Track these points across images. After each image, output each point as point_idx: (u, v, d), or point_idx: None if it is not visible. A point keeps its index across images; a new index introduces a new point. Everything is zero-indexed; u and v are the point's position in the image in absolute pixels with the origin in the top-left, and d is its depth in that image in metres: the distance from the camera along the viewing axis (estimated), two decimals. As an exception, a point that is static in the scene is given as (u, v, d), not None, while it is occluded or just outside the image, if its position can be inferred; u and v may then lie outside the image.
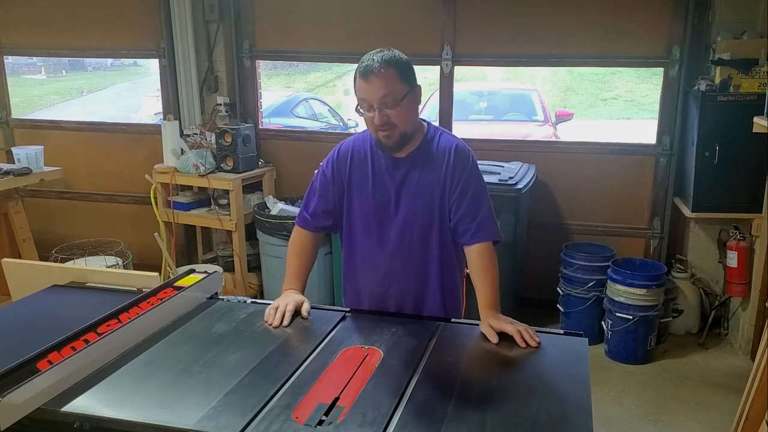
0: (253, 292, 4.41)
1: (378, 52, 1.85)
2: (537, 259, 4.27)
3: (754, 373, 2.51)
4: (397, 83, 1.82)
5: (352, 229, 2.05)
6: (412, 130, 1.92)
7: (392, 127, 1.85)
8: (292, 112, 7.56)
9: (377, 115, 1.82)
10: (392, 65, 1.82)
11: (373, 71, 1.80)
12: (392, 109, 1.82)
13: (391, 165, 1.96)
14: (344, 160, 2.01)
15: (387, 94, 1.81)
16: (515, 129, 7.08)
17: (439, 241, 1.99)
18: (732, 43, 3.63)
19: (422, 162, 1.95)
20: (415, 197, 1.95)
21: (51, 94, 14.08)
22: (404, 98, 1.84)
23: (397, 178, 1.96)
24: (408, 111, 1.87)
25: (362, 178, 1.99)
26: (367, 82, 1.81)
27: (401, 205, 1.96)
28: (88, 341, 1.57)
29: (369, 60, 1.83)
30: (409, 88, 1.86)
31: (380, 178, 1.97)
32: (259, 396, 1.43)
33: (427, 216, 1.96)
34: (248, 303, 2.03)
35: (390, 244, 1.99)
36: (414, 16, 4.28)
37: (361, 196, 2.00)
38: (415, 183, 1.95)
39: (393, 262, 2.01)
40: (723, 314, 4.07)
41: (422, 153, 1.96)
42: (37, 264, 2.83)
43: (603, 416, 3.17)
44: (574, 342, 1.77)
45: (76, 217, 5.13)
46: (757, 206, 3.62)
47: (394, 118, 1.83)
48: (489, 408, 1.42)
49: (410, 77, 1.87)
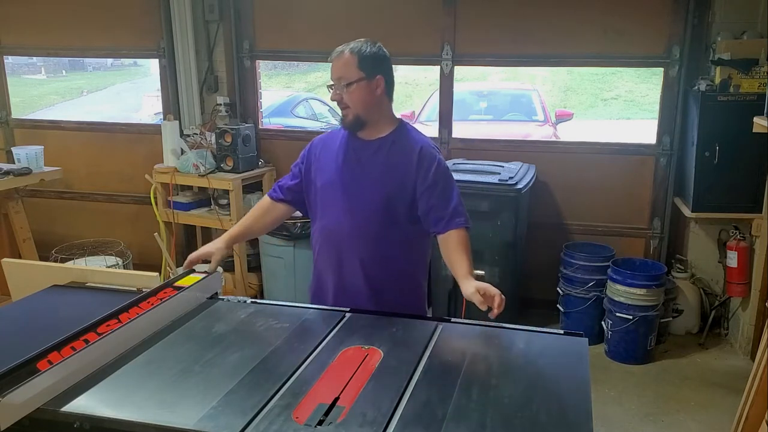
0: (253, 292, 4.41)
1: (354, 41, 2.06)
2: (537, 259, 4.27)
3: (754, 373, 2.51)
4: (352, 69, 2.02)
5: (315, 208, 2.19)
6: (371, 116, 2.08)
7: (345, 106, 2.06)
8: (292, 112, 7.56)
9: (333, 92, 2.06)
10: (355, 53, 2.02)
11: (337, 53, 2.04)
12: (345, 90, 2.03)
13: (359, 147, 2.12)
14: (318, 145, 2.23)
15: (340, 77, 2.03)
16: (515, 129, 7.08)
17: (391, 224, 2.09)
18: (732, 43, 3.63)
19: (388, 149, 2.10)
20: (373, 179, 2.08)
21: (51, 94, 14.08)
22: (353, 83, 2.02)
23: (363, 159, 2.11)
24: (358, 96, 2.04)
25: (329, 158, 2.16)
26: (332, 62, 2.05)
27: (360, 184, 2.09)
28: (88, 341, 1.57)
29: (342, 46, 2.05)
30: (364, 75, 2.03)
31: (345, 158, 2.13)
32: (259, 396, 1.43)
33: (382, 198, 2.08)
34: (248, 303, 2.03)
35: (342, 219, 2.11)
36: (414, 16, 4.28)
37: (324, 174, 2.15)
38: (379, 166, 2.09)
39: (344, 237, 2.12)
40: (723, 314, 4.07)
41: (390, 141, 2.11)
42: (37, 264, 2.83)
43: (603, 416, 3.17)
44: (574, 342, 1.77)
45: (76, 217, 5.13)
46: (757, 206, 3.62)
47: (347, 99, 2.04)
48: (489, 408, 1.42)
49: (369, 67, 2.03)
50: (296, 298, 3.94)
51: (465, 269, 2.00)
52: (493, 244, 3.69)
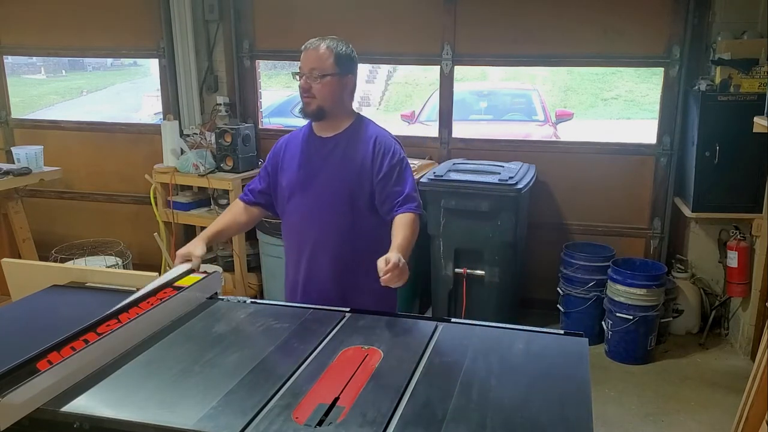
0: (253, 292, 4.40)
1: (330, 37, 2.15)
2: (537, 259, 4.27)
3: (754, 373, 2.51)
4: (327, 63, 2.11)
5: (282, 207, 2.27)
6: (332, 109, 2.16)
7: (310, 95, 2.12)
8: (292, 112, 7.55)
9: (303, 80, 2.12)
10: (333, 49, 2.12)
11: (313, 45, 2.12)
12: (316, 81, 2.10)
13: (318, 145, 2.21)
14: (282, 145, 2.31)
15: (315, 68, 2.10)
16: (515, 129, 7.08)
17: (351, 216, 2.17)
18: (732, 43, 3.63)
19: (346, 143, 2.18)
20: (332, 172, 2.17)
21: (51, 94, 14.08)
22: (327, 76, 2.11)
23: (322, 156, 2.19)
24: (328, 89, 2.12)
25: (291, 156, 2.25)
26: (305, 52, 2.12)
27: (320, 178, 2.17)
28: (88, 341, 1.57)
29: (317, 39, 2.13)
30: (338, 71, 2.12)
31: (307, 156, 2.22)
32: (259, 396, 1.43)
33: (342, 191, 2.16)
34: (248, 303, 2.03)
35: (305, 213, 2.20)
36: (414, 15, 4.28)
37: (288, 172, 2.24)
38: (338, 161, 2.17)
39: (307, 231, 2.21)
40: (723, 314, 4.07)
41: (347, 135, 2.19)
42: (37, 264, 2.83)
43: (603, 416, 3.17)
44: (574, 342, 1.77)
45: (76, 217, 5.13)
46: (757, 206, 3.62)
47: (315, 89, 2.11)
48: (489, 408, 1.42)
49: (344, 65, 2.14)
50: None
51: (397, 242, 2.04)
52: (493, 244, 3.69)
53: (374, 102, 14.01)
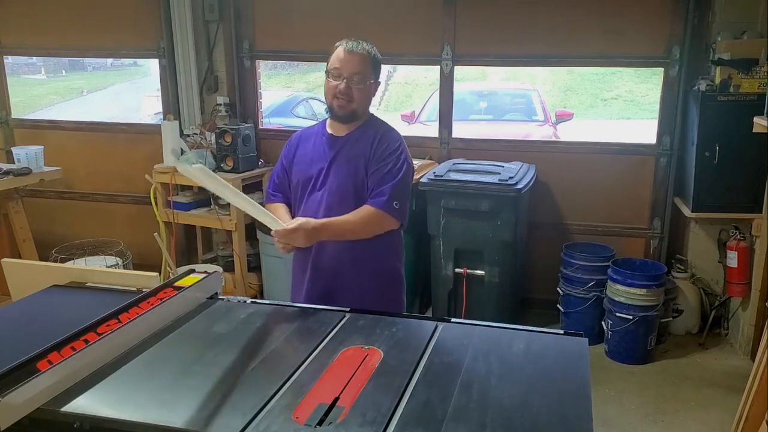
0: (253, 292, 4.41)
1: (362, 41, 2.18)
2: (537, 259, 4.27)
3: (754, 373, 2.51)
4: (368, 69, 2.17)
5: (295, 203, 2.32)
6: (363, 112, 2.24)
7: (350, 99, 2.15)
8: (292, 112, 7.57)
9: (344, 84, 2.13)
10: (371, 55, 2.18)
11: (357, 50, 2.14)
12: (358, 85, 2.14)
13: (330, 142, 2.25)
14: (294, 143, 2.35)
15: (359, 72, 2.14)
16: (515, 129, 7.08)
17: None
18: (732, 43, 3.63)
19: (355, 140, 2.23)
20: (342, 169, 2.20)
21: (51, 94, 14.08)
22: (367, 82, 2.18)
23: (333, 152, 2.23)
24: (367, 94, 2.20)
25: (303, 154, 2.29)
26: (349, 54, 2.13)
27: (330, 175, 2.21)
28: (88, 341, 1.57)
29: (355, 41, 2.16)
30: (375, 76, 2.22)
31: (317, 153, 2.26)
32: (259, 396, 1.43)
33: (350, 187, 2.19)
34: (248, 303, 2.03)
35: (314, 210, 2.22)
36: (414, 16, 4.28)
37: (299, 169, 2.28)
38: (345, 157, 2.22)
39: None
40: (723, 314, 4.07)
41: (358, 133, 2.25)
42: (37, 264, 2.83)
43: (603, 416, 3.17)
44: (574, 342, 1.76)
45: (76, 217, 5.13)
46: (757, 206, 3.62)
47: (356, 93, 2.15)
48: (489, 408, 1.42)
49: (378, 71, 2.24)
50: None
51: (329, 219, 2.12)
52: (493, 244, 3.69)
53: (374, 102, 13.99)
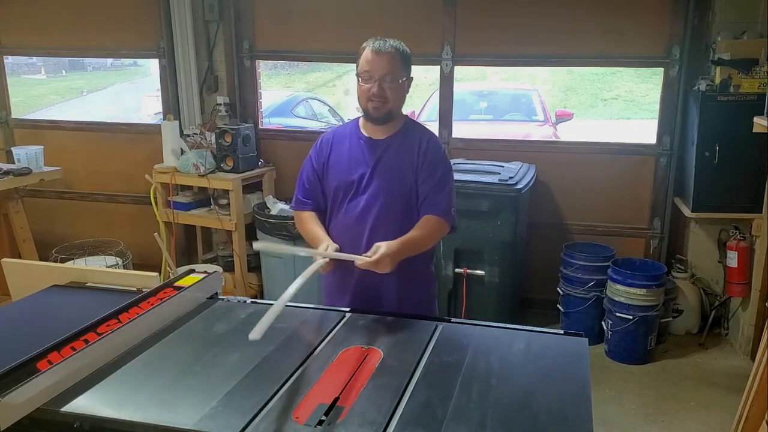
0: (253, 292, 4.41)
1: (388, 39, 2.11)
2: (537, 259, 4.27)
3: (754, 373, 2.51)
4: (399, 67, 2.10)
5: (331, 206, 2.23)
6: (398, 111, 2.17)
7: (384, 101, 2.09)
8: (292, 112, 7.56)
9: (376, 86, 2.07)
10: (399, 52, 2.10)
11: (385, 49, 2.07)
12: (390, 85, 2.08)
13: (369, 146, 2.18)
14: (326, 144, 2.25)
15: (390, 72, 2.07)
16: (515, 129, 7.08)
17: (404, 219, 2.14)
18: (732, 43, 3.63)
19: (398, 145, 2.17)
20: (386, 175, 2.14)
21: (51, 94, 14.08)
22: (400, 80, 2.11)
23: (374, 157, 2.16)
24: (401, 92, 2.14)
25: (340, 157, 2.20)
26: (378, 55, 2.07)
27: (373, 181, 2.14)
28: (88, 341, 1.57)
29: (381, 40, 2.09)
30: (406, 73, 2.14)
31: (357, 157, 2.18)
32: (259, 396, 1.43)
33: (396, 193, 2.14)
34: (248, 303, 2.03)
35: (357, 217, 2.16)
36: (414, 16, 4.28)
37: (336, 174, 2.20)
38: (389, 162, 2.15)
39: (360, 234, 2.15)
40: (723, 314, 4.07)
41: (399, 137, 2.18)
42: (37, 264, 2.83)
43: (603, 416, 3.17)
44: (574, 342, 1.77)
45: (76, 217, 5.13)
46: (757, 206, 3.62)
47: (389, 93, 2.09)
48: (489, 408, 1.42)
49: (409, 67, 2.15)
50: (296, 297, 3.94)
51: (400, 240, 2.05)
52: (493, 244, 3.69)
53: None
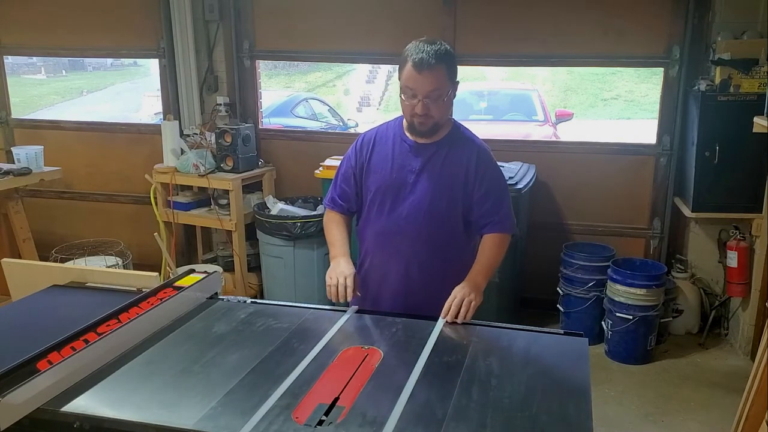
0: (253, 292, 4.41)
1: (431, 44, 1.91)
2: (537, 259, 4.27)
3: (754, 373, 2.51)
4: (445, 80, 1.93)
5: (368, 208, 2.14)
6: (444, 123, 2.05)
7: (429, 117, 1.96)
8: (292, 112, 7.56)
9: (420, 105, 1.93)
10: (444, 61, 1.91)
11: (428, 65, 1.88)
12: (435, 102, 1.93)
13: (415, 149, 2.06)
14: (367, 144, 2.13)
15: (435, 90, 1.92)
16: (515, 129, 7.08)
17: (447, 228, 2.08)
18: (732, 43, 3.63)
19: (446, 152, 2.06)
20: (432, 182, 2.04)
21: (51, 94, 14.09)
22: (448, 95, 1.96)
23: (420, 162, 2.05)
24: (448, 106, 2.00)
25: (383, 159, 2.09)
26: (420, 74, 1.89)
27: (417, 187, 2.05)
28: (88, 341, 1.57)
29: (423, 52, 1.88)
30: (454, 86, 1.98)
31: (401, 160, 2.07)
32: (259, 396, 1.43)
33: (441, 201, 2.05)
34: (248, 303, 2.03)
35: (399, 223, 2.07)
36: (414, 16, 4.27)
37: (378, 176, 2.09)
38: (438, 169, 2.05)
39: (400, 241, 2.09)
40: (723, 314, 4.07)
41: (447, 143, 2.07)
42: (37, 264, 2.83)
43: (603, 416, 3.17)
44: (574, 342, 1.77)
45: (76, 217, 5.13)
46: (757, 206, 3.62)
47: (434, 110, 1.95)
48: (489, 408, 1.42)
49: (456, 74, 1.98)
50: (296, 298, 3.94)
51: (477, 267, 2.03)
52: (493, 244, 3.68)
53: (374, 102, 14.01)
